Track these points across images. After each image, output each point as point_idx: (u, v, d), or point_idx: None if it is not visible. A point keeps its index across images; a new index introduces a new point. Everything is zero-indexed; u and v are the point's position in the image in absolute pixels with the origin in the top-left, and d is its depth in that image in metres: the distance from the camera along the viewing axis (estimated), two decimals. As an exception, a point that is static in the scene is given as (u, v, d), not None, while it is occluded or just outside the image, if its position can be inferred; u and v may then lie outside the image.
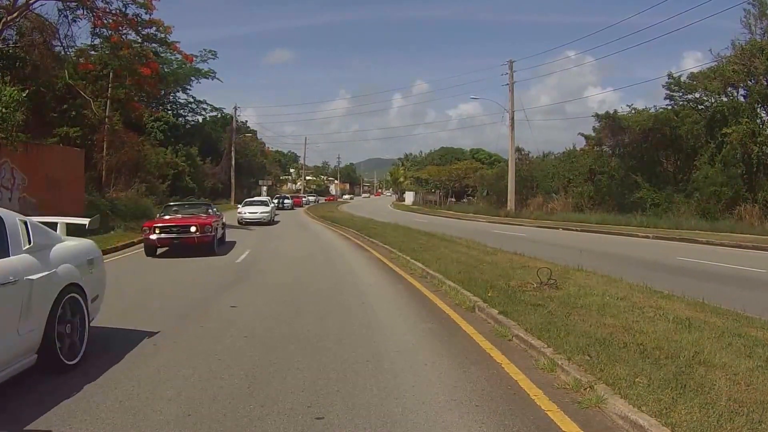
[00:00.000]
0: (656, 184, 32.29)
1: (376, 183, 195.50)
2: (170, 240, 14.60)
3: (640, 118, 33.35)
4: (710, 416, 3.77)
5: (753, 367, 4.79)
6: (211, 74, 52.39)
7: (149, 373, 5.04)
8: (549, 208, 38.79)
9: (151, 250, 14.72)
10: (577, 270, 10.84)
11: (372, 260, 14.77)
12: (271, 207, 32.88)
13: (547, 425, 4.02)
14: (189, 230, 14.69)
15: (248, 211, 30.42)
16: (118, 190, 31.24)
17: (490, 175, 53.87)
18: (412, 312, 8.04)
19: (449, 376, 5.08)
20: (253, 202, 33.65)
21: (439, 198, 71.06)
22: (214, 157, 59.92)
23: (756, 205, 25.68)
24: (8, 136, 13.84)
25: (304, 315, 7.72)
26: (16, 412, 4.04)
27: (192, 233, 14.64)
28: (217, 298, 8.94)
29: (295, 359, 5.52)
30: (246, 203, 33.08)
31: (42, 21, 21.61)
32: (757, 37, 27.43)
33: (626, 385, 4.34)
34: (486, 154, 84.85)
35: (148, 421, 3.97)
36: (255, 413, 4.13)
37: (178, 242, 14.65)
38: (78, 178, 19.26)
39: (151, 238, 14.48)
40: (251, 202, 33.24)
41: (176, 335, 6.49)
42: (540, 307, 7.22)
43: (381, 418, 4.09)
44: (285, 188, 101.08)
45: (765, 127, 27.68)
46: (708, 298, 7.93)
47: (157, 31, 25.54)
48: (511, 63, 41.10)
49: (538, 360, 5.41)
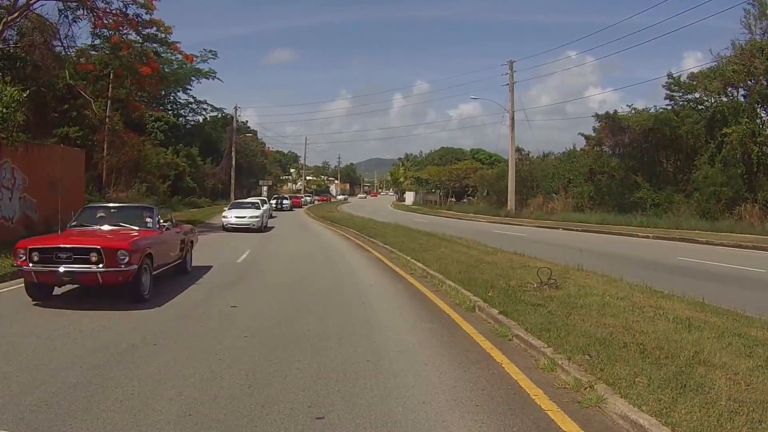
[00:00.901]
0: (656, 184, 32.31)
1: (377, 183, 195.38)
2: (55, 276, 7.80)
3: (640, 118, 33.38)
4: (710, 416, 3.77)
5: (753, 366, 4.80)
6: (211, 74, 52.46)
7: (150, 372, 5.05)
8: (549, 208, 38.80)
9: (34, 290, 8.23)
10: (577, 270, 10.85)
11: (372, 260, 14.78)
12: (263, 210, 27.44)
13: (547, 425, 4.03)
14: (87, 258, 7.76)
15: (235, 215, 25.15)
16: (119, 190, 31.27)
17: (491, 175, 53.87)
18: (412, 312, 8.05)
19: (449, 376, 5.09)
20: (242, 204, 28.35)
21: (440, 198, 71.08)
22: (215, 158, 59.98)
23: (756, 205, 25.69)
24: (9, 137, 13.83)
25: (304, 315, 7.73)
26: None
27: (89, 266, 7.70)
28: (217, 298, 8.94)
29: (295, 359, 5.53)
30: (233, 205, 28.01)
31: (42, 21, 21.61)
32: (757, 37, 27.45)
33: (626, 385, 4.35)
34: (486, 154, 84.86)
35: (149, 420, 3.97)
36: (255, 413, 4.14)
37: (71, 280, 7.98)
38: (78, 178, 19.26)
39: (25, 270, 7.91)
40: (239, 204, 28.17)
41: (177, 335, 6.50)
42: (540, 306, 7.23)
43: (381, 417, 4.09)
44: (285, 188, 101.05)
45: (765, 127, 27.69)
46: (708, 298, 7.93)
47: (158, 31, 25.55)
48: (511, 63, 41.13)
49: (538, 360, 5.42)
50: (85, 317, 7.29)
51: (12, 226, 14.79)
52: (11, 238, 14.14)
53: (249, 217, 25.05)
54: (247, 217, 24.98)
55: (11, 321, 7.10)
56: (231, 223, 24.77)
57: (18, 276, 9.71)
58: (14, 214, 14.98)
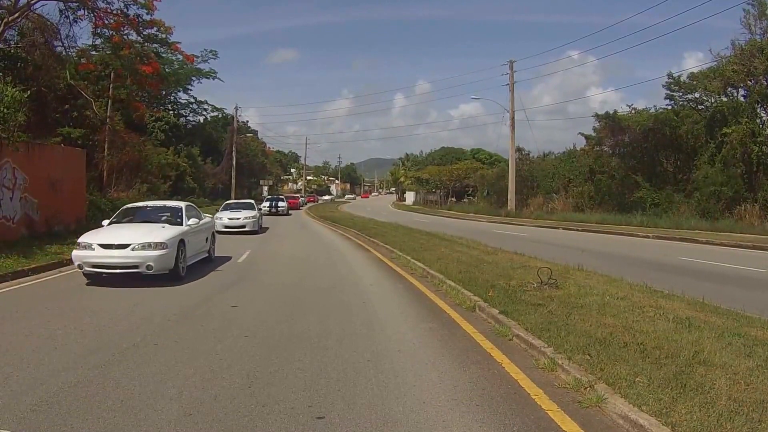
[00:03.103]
0: (656, 184, 32.29)
1: (377, 183, 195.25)
2: None
3: (640, 118, 33.37)
4: (710, 415, 3.78)
5: (753, 366, 4.80)
6: (212, 74, 52.56)
7: (151, 372, 5.06)
8: (549, 207, 38.79)
9: None
10: (578, 270, 10.85)
11: (373, 260, 14.78)
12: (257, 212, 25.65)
13: (547, 424, 4.03)
14: None
15: (229, 217, 23.79)
16: (120, 190, 31.26)
17: (491, 175, 53.82)
18: (412, 311, 8.05)
19: (450, 376, 5.09)
20: (238, 204, 26.81)
21: (440, 198, 71.05)
22: (215, 158, 60.06)
23: (756, 204, 25.67)
24: (10, 137, 13.84)
25: (305, 314, 7.74)
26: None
27: None
28: (218, 298, 8.95)
29: (296, 359, 5.54)
30: (225, 206, 26.32)
31: (43, 21, 21.59)
32: (756, 37, 27.42)
33: (626, 385, 4.36)
34: (486, 154, 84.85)
35: (150, 420, 3.98)
36: (256, 412, 4.15)
37: None
38: (79, 178, 19.26)
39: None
40: (232, 206, 26.45)
41: (178, 335, 6.51)
42: (540, 306, 7.24)
43: (382, 417, 4.10)
44: (286, 188, 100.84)
45: (765, 127, 27.66)
46: (708, 298, 7.93)
47: (159, 32, 25.63)
48: (511, 63, 41.13)
49: (538, 359, 5.42)
50: (85, 316, 7.31)
51: (13, 226, 14.80)
52: (12, 238, 14.17)
53: (244, 218, 23.79)
54: (242, 218, 23.75)
55: (12, 320, 7.14)
56: (226, 224, 23.06)
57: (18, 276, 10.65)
58: (15, 214, 14.99)
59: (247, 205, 26.08)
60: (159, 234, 10.36)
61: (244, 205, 26.31)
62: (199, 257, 12.37)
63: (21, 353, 5.59)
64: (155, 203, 13.72)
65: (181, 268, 10.68)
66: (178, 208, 12.34)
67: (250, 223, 23.66)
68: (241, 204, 26.77)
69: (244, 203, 27.17)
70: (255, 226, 23.95)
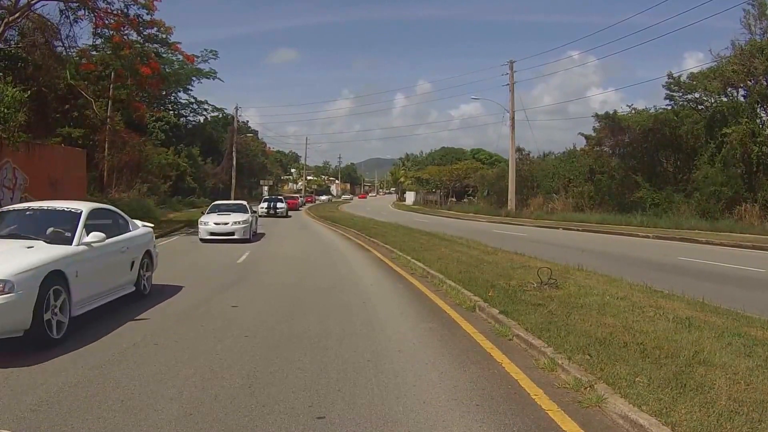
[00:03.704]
0: (656, 184, 32.29)
1: (377, 183, 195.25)
2: None
3: (640, 118, 33.35)
4: (710, 415, 3.78)
5: (753, 366, 4.80)
6: (212, 74, 52.41)
7: (150, 372, 5.06)
8: (549, 207, 38.80)
9: None
10: (578, 270, 10.85)
11: (373, 260, 14.78)
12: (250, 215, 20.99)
13: (547, 424, 4.03)
14: None
15: (215, 221, 19.65)
16: (120, 190, 31.33)
17: (491, 175, 53.83)
18: (412, 311, 8.06)
19: (450, 376, 5.10)
20: (228, 206, 22.04)
21: (440, 198, 71.04)
22: (216, 158, 60.12)
23: (756, 204, 25.67)
24: (10, 137, 13.88)
25: (305, 314, 7.74)
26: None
27: None
28: (218, 298, 8.95)
29: (296, 358, 5.54)
30: (213, 208, 21.76)
31: (44, 21, 21.64)
32: (756, 37, 27.41)
33: (626, 385, 4.36)
34: (486, 154, 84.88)
35: (150, 420, 3.98)
36: (256, 412, 4.15)
37: None
38: (80, 178, 19.30)
39: None
40: (221, 207, 21.73)
41: (177, 334, 6.51)
42: (540, 306, 7.24)
43: (382, 417, 4.10)
44: (286, 188, 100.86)
45: (765, 127, 27.65)
46: (708, 298, 7.93)
47: (159, 32, 25.63)
48: (511, 63, 41.13)
49: (538, 359, 5.42)
50: (86, 315, 7.29)
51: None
52: (12, 238, 14.16)
53: (233, 222, 19.48)
54: (230, 224, 19.43)
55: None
56: (210, 230, 19.29)
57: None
58: (15, 214, 14.97)
59: (238, 207, 21.59)
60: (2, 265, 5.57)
61: (234, 207, 21.84)
62: (113, 295, 7.68)
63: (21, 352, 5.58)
64: (40, 205, 8.14)
65: (52, 325, 5.87)
66: (75, 215, 7.34)
67: (240, 229, 19.36)
68: (231, 206, 22.10)
69: (234, 205, 22.53)
70: (246, 233, 19.64)
